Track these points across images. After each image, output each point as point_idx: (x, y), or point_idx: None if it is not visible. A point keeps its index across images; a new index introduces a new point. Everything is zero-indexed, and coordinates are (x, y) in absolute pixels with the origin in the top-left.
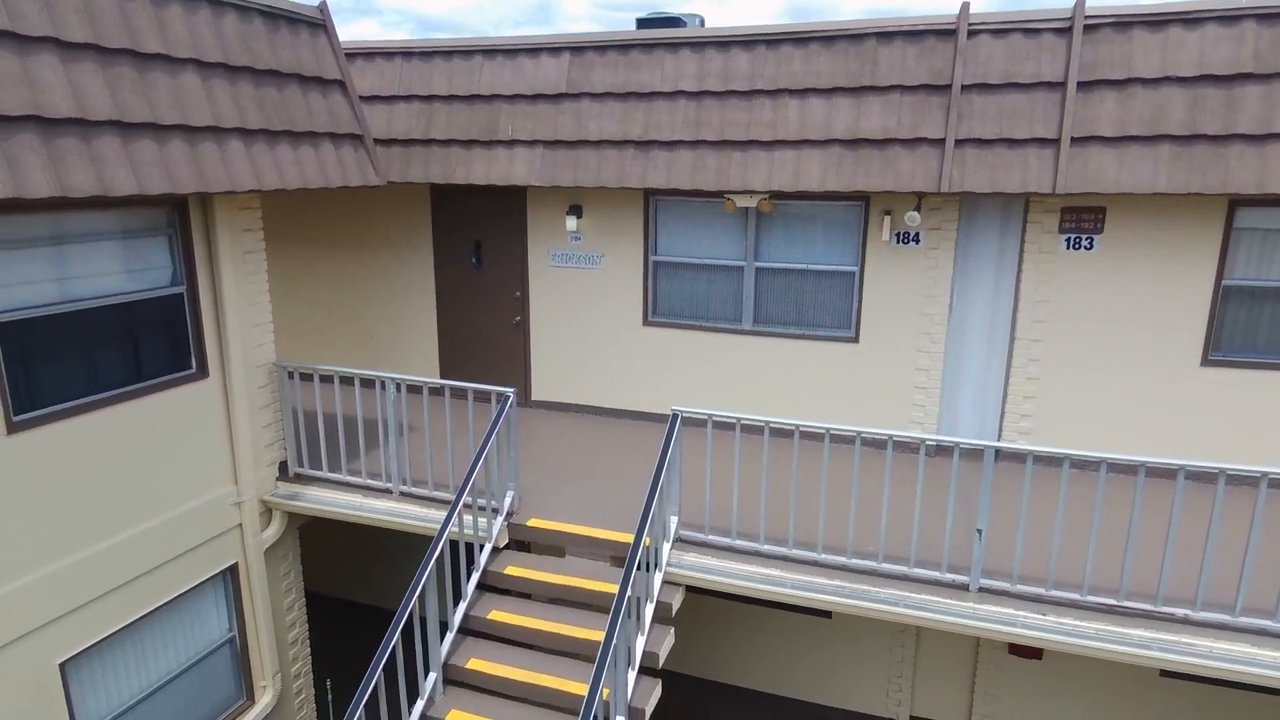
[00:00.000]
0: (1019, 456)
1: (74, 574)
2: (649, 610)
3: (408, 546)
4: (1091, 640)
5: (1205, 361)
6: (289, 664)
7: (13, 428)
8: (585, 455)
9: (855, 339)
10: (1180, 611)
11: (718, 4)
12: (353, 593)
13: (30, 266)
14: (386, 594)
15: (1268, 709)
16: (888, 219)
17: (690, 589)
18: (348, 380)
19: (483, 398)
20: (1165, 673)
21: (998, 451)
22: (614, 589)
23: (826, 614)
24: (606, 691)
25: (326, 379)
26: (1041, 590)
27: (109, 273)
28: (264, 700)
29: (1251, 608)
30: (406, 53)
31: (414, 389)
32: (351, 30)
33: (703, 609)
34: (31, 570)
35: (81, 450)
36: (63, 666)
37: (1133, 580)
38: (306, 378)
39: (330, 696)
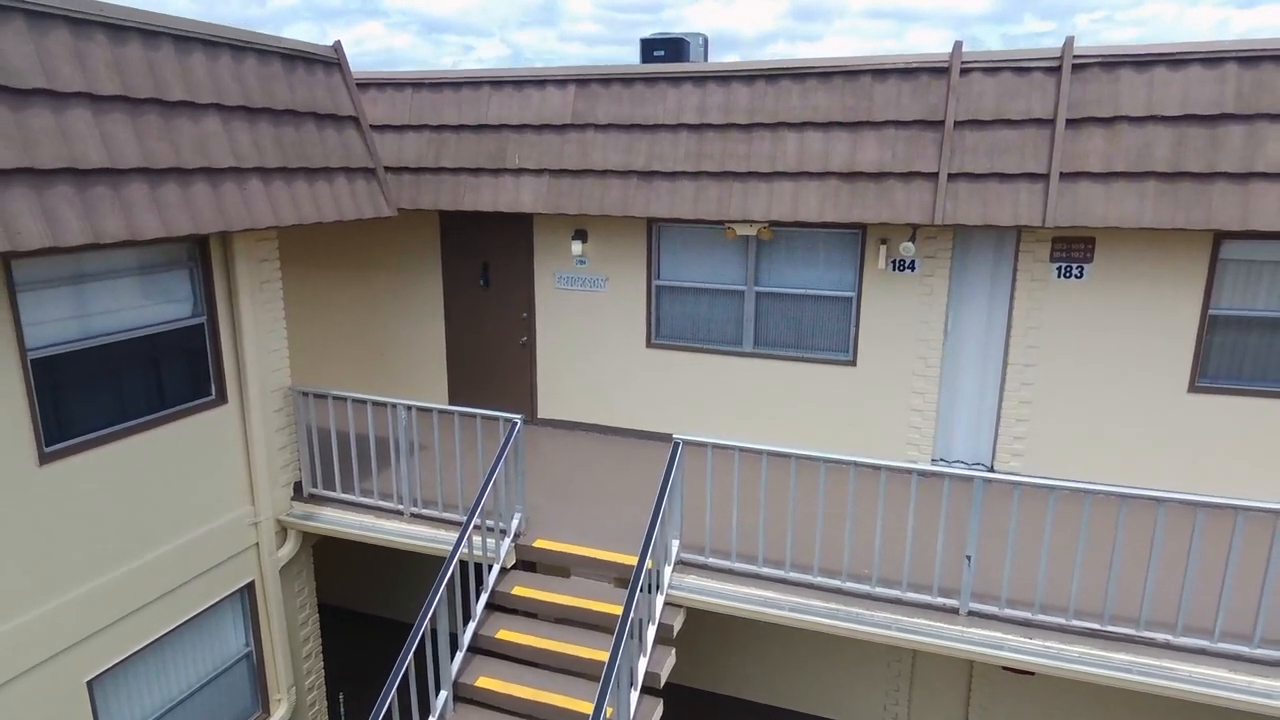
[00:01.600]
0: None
1: (101, 595)
2: (651, 631)
3: (418, 560)
4: (1076, 664)
5: (1193, 388)
6: (303, 677)
7: (44, 459)
8: (590, 473)
9: (853, 362)
10: (1161, 636)
11: (723, 5)
12: (364, 605)
13: (59, 305)
14: (397, 606)
15: None
16: (884, 248)
17: (691, 610)
18: (361, 402)
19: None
20: None
21: (987, 479)
22: (617, 610)
23: None
24: (610, 711)
25: (341, 400)
26: (1029, 614)
27: (134, 307)
28: (279, 713)
29: (1229, 632)
30: (417, 84)
31: (424, 411)
32: (357, 31)
33: (706, 624)
34: (62, 593)
35: (108, 477)
36: (90, 684)
37: (1116, 604)
38: (322, 399)
39: (343, 709)
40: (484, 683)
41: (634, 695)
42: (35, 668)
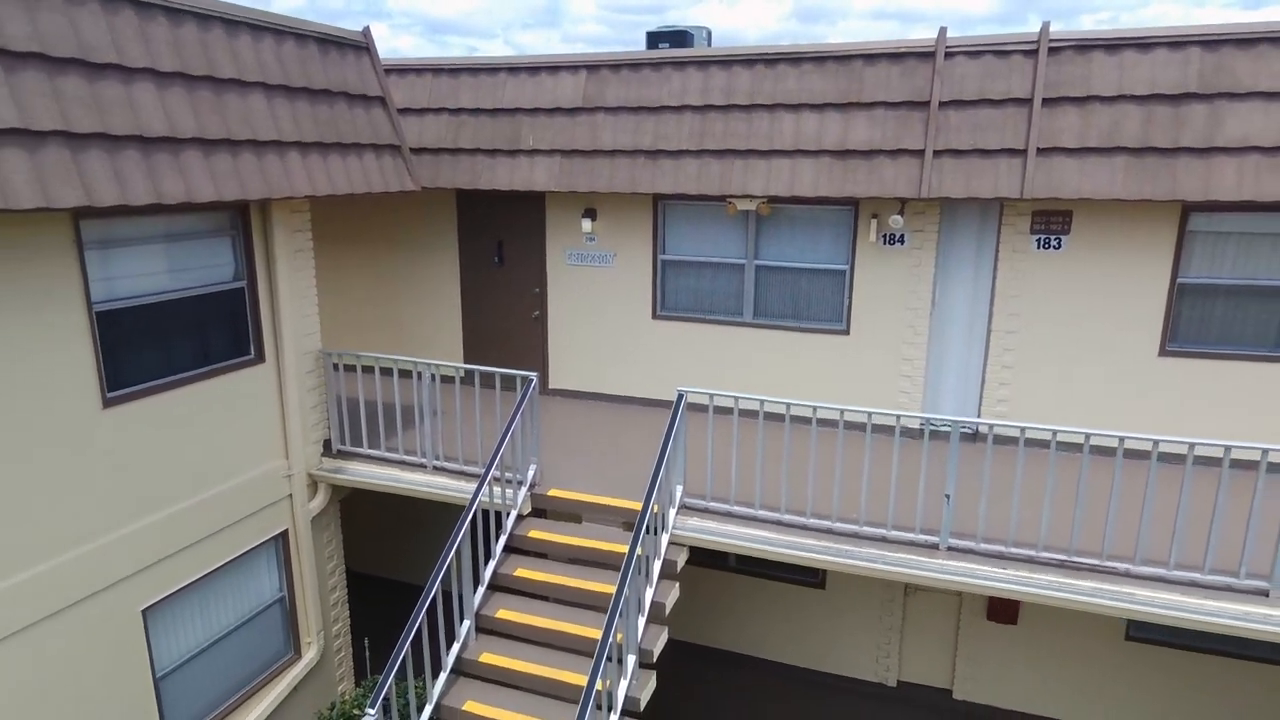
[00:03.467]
0: (990, 436)
1: (153, 532)
2: (656, 567)
3: (434, 525)
4: (1044, 590)
5: (1163, 352)
6: (330, 624)
7: (107, 403)
8: (599, 436)
9: (847, 331)
10: (1122, 566)
11: (727, 4)
12: (383, 569)
13: (119, 264)
14: (413, 570)
15: (1230, 672)
16: (875, 221)
17: (693, 549)
18: (386, 371)
19: (508, 385)
20: (1130, 636)
21: (971, 431)
22: (625, 549)
23: (821, 585)
24: (620, 635)
25: (368, 369)
26: (1002, 548)
27: (183, 270)
28: (309, 654)
29: (1183, 564)
30: (437, 69)
31: (446, 379)
32: None
33: (707, 582)
34: (120, 527)
35: (160, 425)
36: (144, 613)
37: (1082, 540)
38: (350, 369)
39: (367, 654)
40: (503, 614)
41: (641, 621)
42: (99, 593)
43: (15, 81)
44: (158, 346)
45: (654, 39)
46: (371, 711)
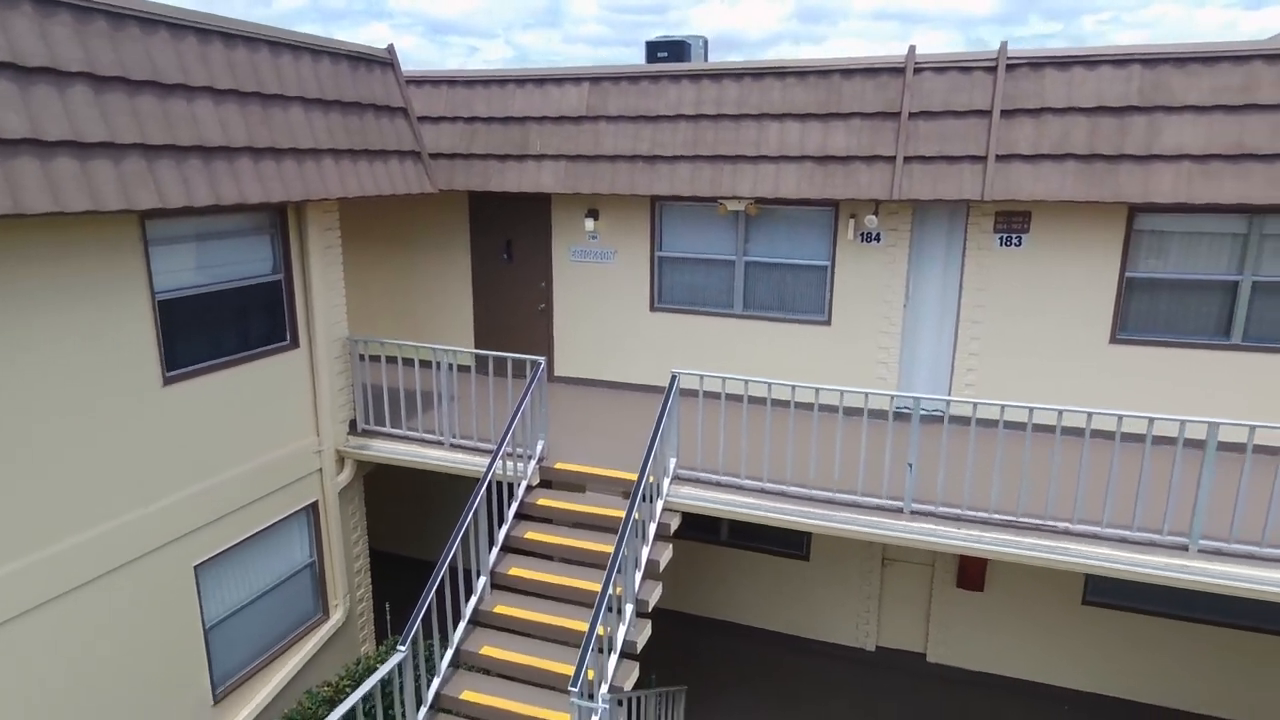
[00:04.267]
0: (958, 418)
1: (204, 497)
2: (652, 529)
3: (446, 508)
4: (994, 546)
5: (1113, 340)
6: (354, 589)
7: (166, 381)
8: (601, 418)
9: (828, 322)
10: (1062, 525)
11: (728, 5)
12: (400, 547)
13: (177, 259)
14: (428, 548)
15: (1177, 633)
16: (853, 221)
17: (687, 518)
18: (408, 361)
19: (517, 373)
20: (1086, 601)
21: (941, 414)
22: (624, 514)
23: (805, 557)
24: (619, 589)
25: (391, 358)
26: (959, 511)
27: (229, 264)
28: (336, 616)
29: (1115, 523)
30: (453, 81)
31: (463, 368)
32: (363, 33)
33: (701, 555)
34: (177, 491)
35: (210, 402)
36: (196, 569)
37: (1027, 504)
38: (375, 359)
39: (388, 618)
40: (514, 572)
41: (638, 576)
42: (159, 549)
43: (102, 103)
44: (208, 332)
45: (653, 49)
46: (402, 648)
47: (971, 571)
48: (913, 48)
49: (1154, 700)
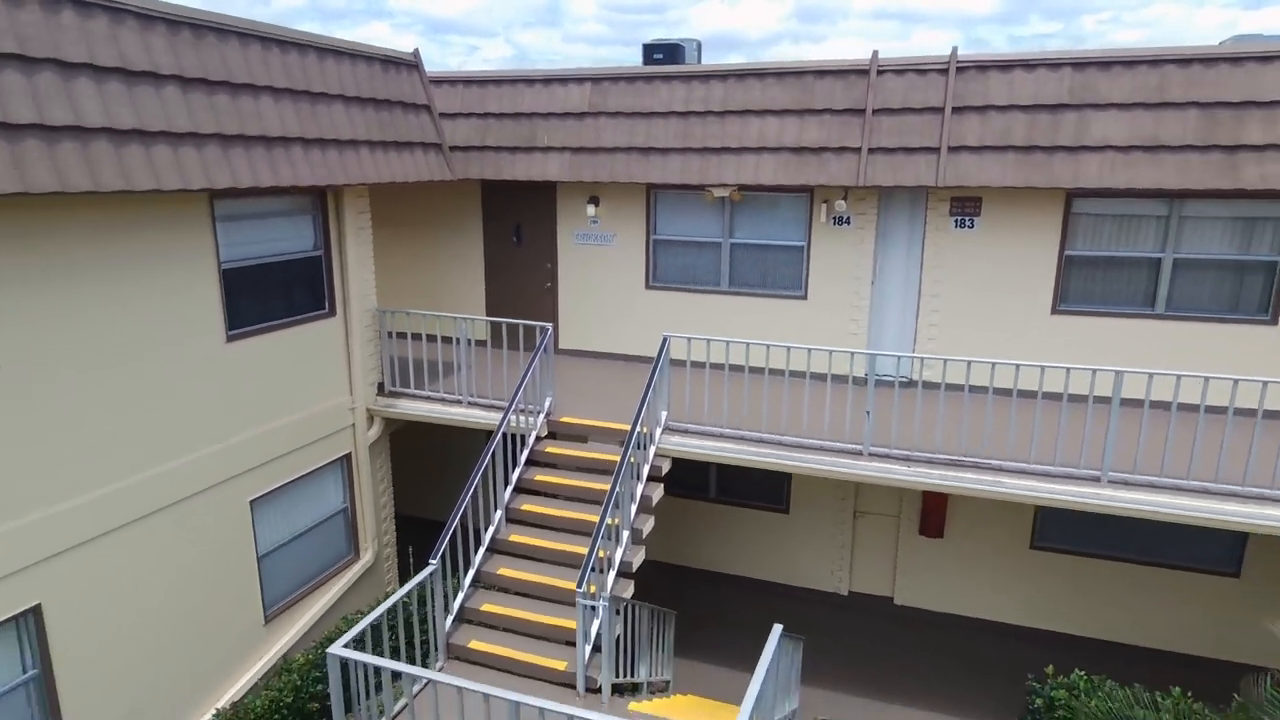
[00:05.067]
0: (911, 382)
1: (258, 441)
2: (645, 470)
3: (457, 472)
4: (938, 480)
5: (1054, 311)
6: (381, 535)
7: (229, 339)
8: (602, 384)
9: (805, 297)
10: (995, 462)
11: (727, 4)
12: (420, 510)
13: (238, 233)
14: (442, 510)
15: (1114, 573)
16: (825, 206)
17: (676, 464)
18: (431, 337)
19: (527, 345)
20: (1033, 546)
21: (906, 380)
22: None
23: (785, 510)
24: (603, 552)
25: (416, 335)
26: (909, 453)
27: (279, 239)
28: (365, 557)
29: (1040, 459)
30: (468, 81)
31: (479, 343)
32: (363, 32)
33: (689, 511)
34: (237, 434)
35: (262, 359)
36: (251, 503)
37: (966, 444)
38: (402, 335)
39: (411, 561)
40: (526, 508)
41: (633, 508)
42: (221, 484)
43: (189, 99)
44: (260, 299)
45: (649, 51)
46: (433, 561)
47: (932, 520)
48: (875, 53)
49: (1093, 634)
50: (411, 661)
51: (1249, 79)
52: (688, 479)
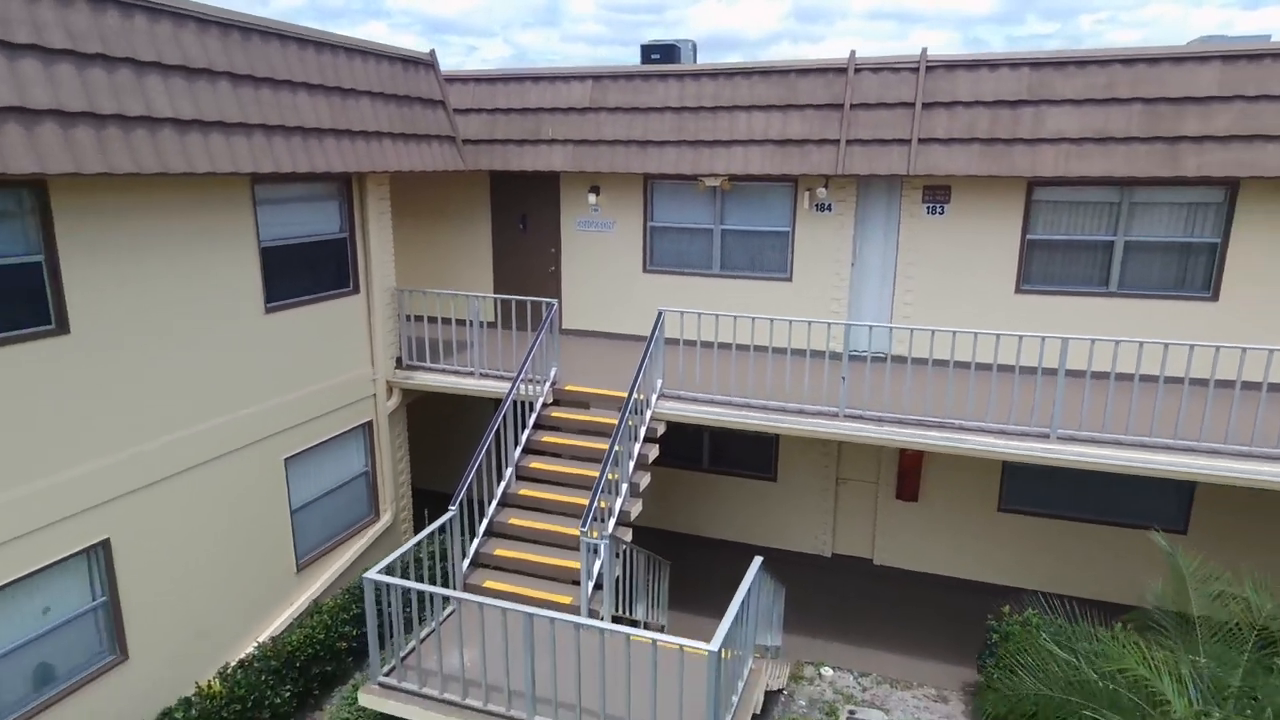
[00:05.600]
0: (881, 357)
1: (291, 405)
2: (642, 432)
3: (464, 446)
4: (907, 439)
5: (1018, 290)
6: (399, 498)
7: (267, 310)
8: (602, 359)
9: (790, 279)
10: (956, 421)
11: (726, 4)
12: (424, 483)
13: (275, 215)
14: (446, 483)
15: (1076, 533)
16: (808, 194)
17: (670, 434)
18: (446, 320)
19: (534, 325)
20: (1000, 509)
21: (883, 355)
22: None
23: (774, 478)
24: (603, 503)
25: (433, 319)
26: (880, 414)
27: (311, 221)
28: (384, 519)
29: (996, 419)
30: (478, 79)
31: (490, 325)
32: (361, 32)
33: (682, 481)
34: (273, 398)
35: (296, 330)
36: (285, 461)
37: (932, 407)
38: (419, 318)
39: (426, 522)
40: (534, 465)
41: (631, 465)
42: (260, 441)
43: (239, 93)
44: (293, 275)
45: (647, 51)
46: (453, 508)
47: (907, 485)
48: (853, 52)
49: (1054, 590)
50: (432, 601)
51: (1187, 77)
52: (682, 450)
